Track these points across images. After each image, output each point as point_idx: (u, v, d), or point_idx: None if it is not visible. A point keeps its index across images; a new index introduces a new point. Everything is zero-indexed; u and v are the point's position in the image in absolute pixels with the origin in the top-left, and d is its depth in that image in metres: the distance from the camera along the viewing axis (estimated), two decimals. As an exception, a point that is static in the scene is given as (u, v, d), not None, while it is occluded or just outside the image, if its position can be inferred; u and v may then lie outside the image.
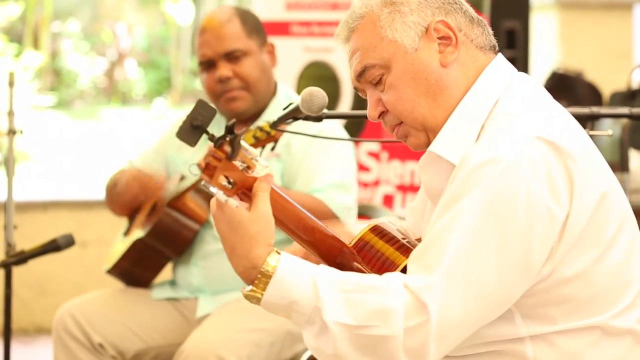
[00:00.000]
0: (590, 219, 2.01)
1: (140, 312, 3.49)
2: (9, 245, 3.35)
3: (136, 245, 3.47)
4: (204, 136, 2.03)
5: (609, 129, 4.62)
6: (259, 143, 3.01)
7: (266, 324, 3.31)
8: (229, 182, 1.96)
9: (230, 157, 1.96)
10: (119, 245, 3.59)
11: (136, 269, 3.54)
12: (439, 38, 2.12)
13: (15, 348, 4.68)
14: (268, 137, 3.00)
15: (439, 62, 2.11)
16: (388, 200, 4.82)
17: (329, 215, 3.31)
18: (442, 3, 2.14)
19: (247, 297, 1.98)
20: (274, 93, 3.56)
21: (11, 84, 3.40)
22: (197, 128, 2.21)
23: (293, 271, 1.97)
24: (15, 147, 3.44)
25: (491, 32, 2.19)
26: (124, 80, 11.20)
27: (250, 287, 1.98)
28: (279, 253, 1.98)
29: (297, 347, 3.37)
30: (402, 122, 2.15)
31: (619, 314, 2.06)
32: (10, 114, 3.40)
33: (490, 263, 1.95)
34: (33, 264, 3.49)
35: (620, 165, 4.75)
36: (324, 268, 2.00)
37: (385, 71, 2.13)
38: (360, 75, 2.16)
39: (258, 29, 3.54)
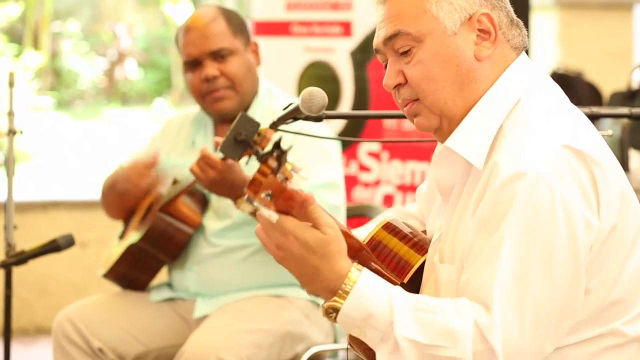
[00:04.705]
0: (613, 224, 1.99)
1: (139, 315, 3.48)
2: (9, 246, 3.35)
3: (130, 250, 3.46)
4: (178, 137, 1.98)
5: (609, 129, 4.61)
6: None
7: (266, 325, 3.31)
8: (268, 195, 1.95)
9: (276, 172, 1.94)
10: (114, 250, 3.59)
11: (131, 272, 3.53)
12: (479, 30, 2.09)
13: (16, 348, 4.68)
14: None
15: (473, 53, 2.09)
16: (388, 200, 4.82)
17: None
18: None
19: (326, 310, 1.98)
20: (257, 92, 3.54)
21: (11, 84, 3.39)
22: (240, 142, 2.15)
23: (372, 285, 1.97)
24: (15, 147, 3.44)
25: (526, 33, 2.17)
26: (124, 80, 11.21)
27: (334, 298, 1.97)
28: (359, 270, 1.98)
29: (297, 348, 3.37)
30: (418, 100, 2.11)
31: (629, 321, 2.04)
32: (10, 114, 3.39)
33: (540, 284, 1.92)
34: (33, 264, 3.49)
35: (620, 166, 4.75)
36: (399, 288, 2.00)
37: (417, 44, 2.08)
38: (388, 39, 2.11)
39: (243, 28, 3.51)
